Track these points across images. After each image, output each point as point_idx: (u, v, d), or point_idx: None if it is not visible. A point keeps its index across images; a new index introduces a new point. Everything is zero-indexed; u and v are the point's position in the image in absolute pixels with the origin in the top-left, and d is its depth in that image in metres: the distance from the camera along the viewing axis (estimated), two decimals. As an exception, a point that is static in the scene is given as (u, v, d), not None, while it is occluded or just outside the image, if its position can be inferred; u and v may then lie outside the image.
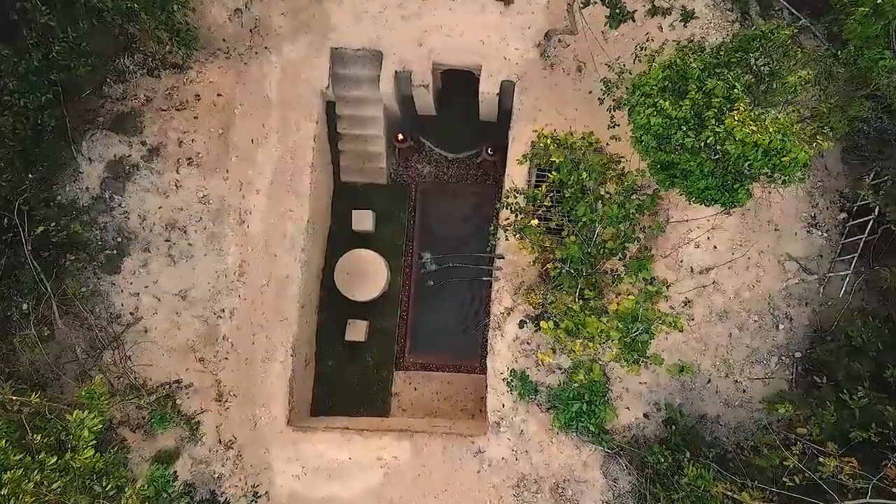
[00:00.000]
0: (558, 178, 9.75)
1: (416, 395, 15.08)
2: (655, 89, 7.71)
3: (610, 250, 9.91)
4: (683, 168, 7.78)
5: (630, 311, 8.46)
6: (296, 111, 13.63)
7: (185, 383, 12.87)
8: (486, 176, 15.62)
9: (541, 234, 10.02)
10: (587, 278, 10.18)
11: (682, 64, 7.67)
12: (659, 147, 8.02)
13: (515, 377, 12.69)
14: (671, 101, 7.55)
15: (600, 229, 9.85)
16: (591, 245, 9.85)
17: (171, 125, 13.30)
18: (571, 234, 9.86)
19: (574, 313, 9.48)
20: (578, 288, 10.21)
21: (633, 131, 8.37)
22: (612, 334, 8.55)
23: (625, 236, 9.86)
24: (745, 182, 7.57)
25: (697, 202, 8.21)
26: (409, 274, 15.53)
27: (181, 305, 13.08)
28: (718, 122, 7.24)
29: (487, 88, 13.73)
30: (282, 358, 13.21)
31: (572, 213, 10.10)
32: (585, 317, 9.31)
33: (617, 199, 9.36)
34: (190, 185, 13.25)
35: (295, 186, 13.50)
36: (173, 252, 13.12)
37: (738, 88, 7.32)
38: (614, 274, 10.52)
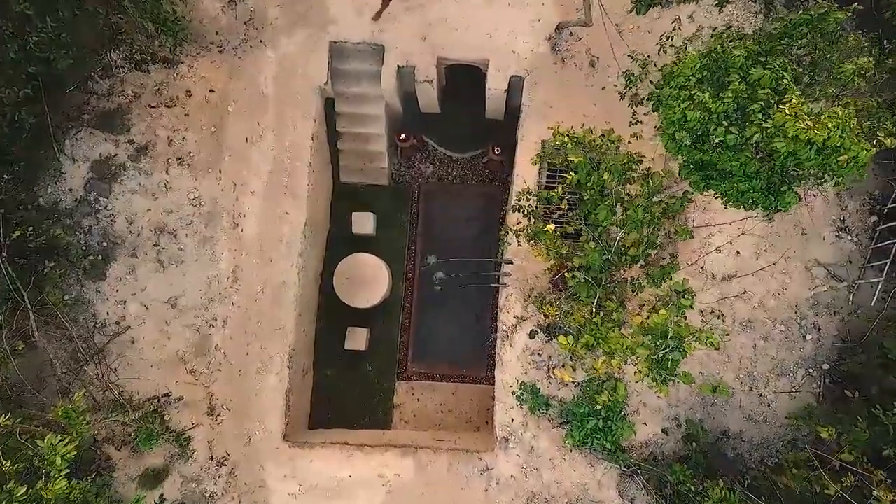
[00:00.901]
0: (576, 178, 8.78)
1: (418, 407, 14.11)
2: (692, 80, 6.75)
3: (632, 257, 8.94)
4: (723, 168, 6.82)
5: (660, 326, 7.50)
6: (293, 108, 12.65)
7: (174, 397, 11.88)
8: (493, 177, 14.63)
9: (557, 239, 9.05)
10: (606, 288, 9.21)
11: (723, 52, 6.70)
12: (694, 145, 7.06)
13: (525, 390, 11.74)
14: (710, 94, 6.58)
15: (622, 234, 8.88)
16: (611, 252, 8.89)
17: (160, 123, 12.30)
18: (591, 240, 8.89)
19: (594, 327, 8.51)
20: (596, 298, 9.24)
21: (664, 128, 7.40)
22: (640, 351, 7.59)
23: (648, 242, 8.89)
24: (792, 184, 6.61)
25: (735, 206, 7.26)
26: (411, 279, 14.55)
27: (171, 314, 12.10)
28: (766, 117, 6.28)
29: (495, 84, 12.76)
30: (277, 369, 12.25)
31: (591, 217, 9.13)
32: (607, 331, 8.35)
33: (641, 202, 8.40)
34: (180, 186, 12.27)
35: (292, 187, 12.52)
36: (162, 257, 12.13)
37: (786, 79, 6.36)
38: (634, 283, 9.55)
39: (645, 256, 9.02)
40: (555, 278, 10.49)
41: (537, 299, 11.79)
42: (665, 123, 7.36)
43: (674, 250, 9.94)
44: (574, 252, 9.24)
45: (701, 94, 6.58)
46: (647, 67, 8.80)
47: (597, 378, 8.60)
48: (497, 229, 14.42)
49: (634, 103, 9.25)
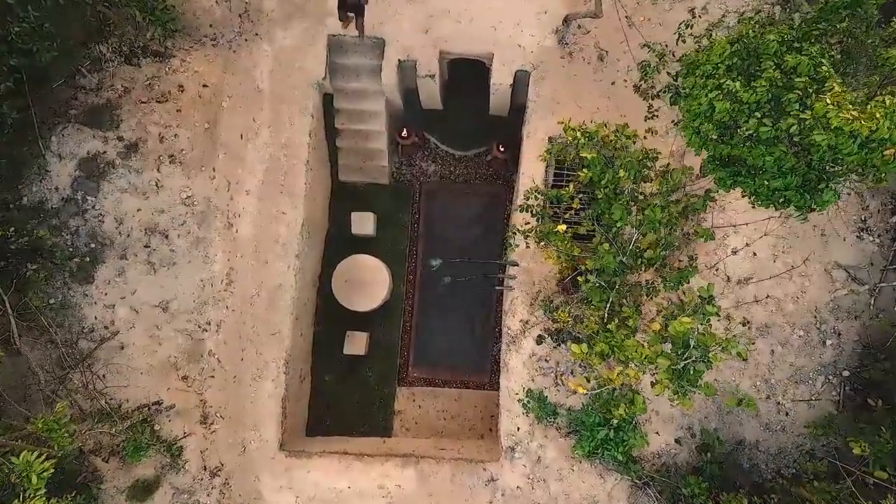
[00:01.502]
0: (588, 176, 8.14)
1: (420, 414, 13.46)
2: (721, 68, 6.12)
3: (648, 260, 8.31)
4: (753, 164, 6.19)
5: (682, 334, 6.87)
6: (289, 104, 12.01)
7: (166, 405, 11.22)
8: (497, 175, 13.99)
9: (568, 241, 8.42)
10: (619, 292, 8.58)
11: (755, 37, 6.07)
12: (720, 139, 6.43)
13: (532, 398, 11.10)
14: (741, 82, 5.95)
15: (637, 235, 8.25)
16: (626, 254, 8.25)
17: (151, 119, 11.64)
18: (605, 242, 8.25)
19: (609, 334, 7.88)
20: (608, 303, 8.61)
21: (687, 121, 6.76)
22: (660, 361, 6.96)
23: (665, 244, 8.26)
24: (831, 180, 5.98)
25: (765, 205, 6.63)
26: (412, 281, 13.91)
27: (162, 318, 11.44)
28: (803, 107, 5.66)
29: (499, 79, 12.12)
30: (273, 375, 11.60)
31: (604, 217, 8.50)
32: (623, 338, 7.72)
33: (659, 201, 7.76)
34: (172, 184, 11.61)
35: (288, 186, 11.87)
36: (153, 259, 11.47)
37: (825, 66, 5.74)
38: (648, 286, 8.92)
39: (661, 259, 8.39)
40: (564, 281, 9.85)
41: (544, 303, 11.16)
42: (688, 116, 6.72)
43: (691, 252, 9.29)
44: (586, 254, 8.61)
45: (731, 83, 5.95)
46: (665, 58, 8.15)
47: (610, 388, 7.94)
48: (501, 230, 13.80)
49: (650, 96, 8.61)
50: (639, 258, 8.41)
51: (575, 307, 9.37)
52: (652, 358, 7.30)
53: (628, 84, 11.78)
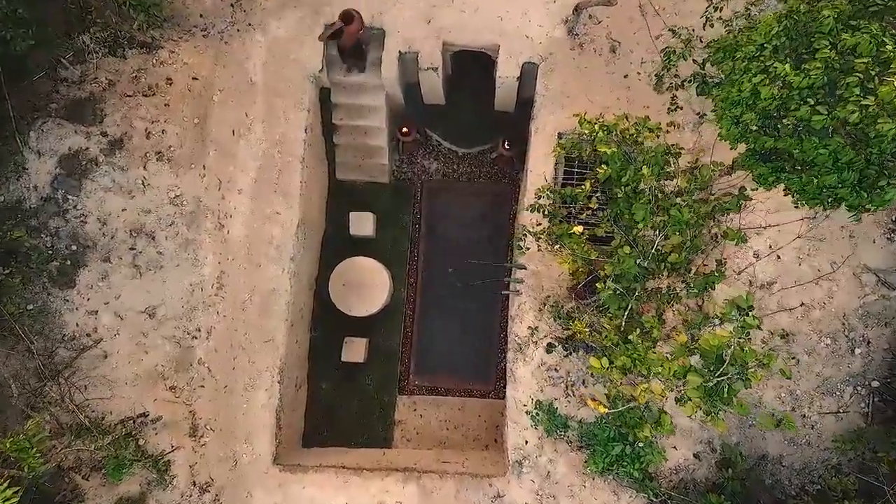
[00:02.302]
0: (607, 173, 7.32)
1: (422, 423, 12.63)
2: (767, 49, 5.30)
3: (672, 264, 7.49)
4: (802, 158, 5.37)
5: (716, 348, 6.06)
6: (284, 98, 11.17)
7: (152, 416, 10.39)
8: (502, 174, 13.15)
9: (585, 243, 7.60)
10: (639, 299, 7.75)
11: (806, 13, 5.25)
12: (763, 130, 5.61)
13: (541, 410, 10.27)
14: (791, 65, 5.13)
15: (661, 238, 7.43)
16: (648, 258, 7.43)
17: (137, 113, 10.80)
18: (625, 244, 7.43)
19: (630, 347, 7.07)
20: (627, 311, 7.78)
21: (723, 110, 5.94)
22: (690, 378, 6.14)
23: (691, 246, 7.45)
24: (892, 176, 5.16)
25: (812, 204, 5.81)
26: (414, 284, 13.08)
27: (148, 325, 10.60)
28: (865, 93, 4.85)
29: (506, 72, 11.28)
30: (267, 385, 10.77)
31: (623, 218, 7.69)
32: (646, 351, 6.90)
33: (688, 200, 6.95)
34: (159, 183, 10.77)
35: (283, 185, 11.04)
36: (139, 262, 10.63)
37: (889, 45, 4.93)
38: (670, 293, 8.10)
39: (686, 263, 7.57)
40: (578, 287, 9.01)
41: (554, 309, 10.35)
42: (724, 105, 5.89)
43: (719, 256, 8.46)
44: (604, 258, 7.78)
45: (780, 66, 5.13)
46: (692, 43, 7.33)
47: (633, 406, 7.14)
48: (507, 231, 12.98)
49: (674, 86, 7.78)
50: (661, 262, 7.59)
51: (589, 314, 8.55)
52: (680, 373, 6.49)
53: (642, 77, 10.98)
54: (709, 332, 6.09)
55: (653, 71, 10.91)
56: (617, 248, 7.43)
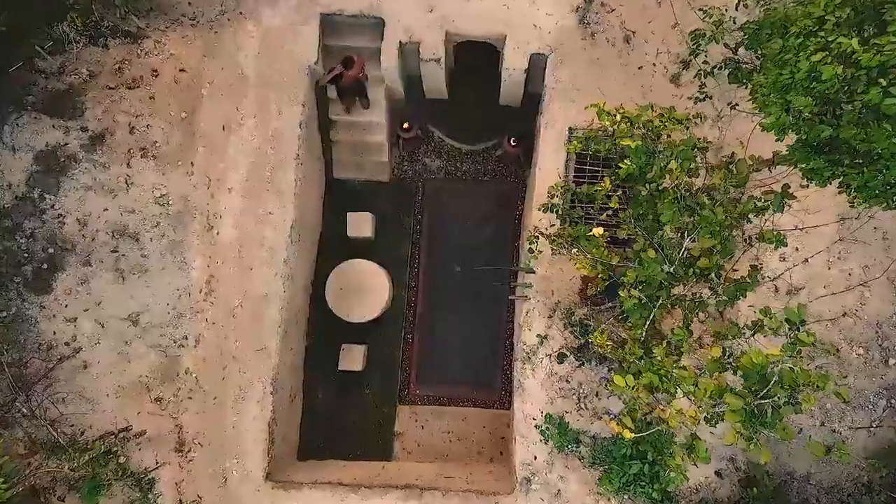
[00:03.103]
0: (629, 169, 6.48)
1: (423, 435, 11.79)
2: (829, 22, 4.48)
3: (701, 270, 6.66)
4: (867, 149, 4.55)
5: (760, 367, 5.23)
6: (277, 91, 10.34)
7: (136, 431, 9.55)
8: (508, 172, 12.30)
9: (606, 247, 6.77)
10: (663, 308, 6.91)
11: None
12: (818, 117, 4.79)
13: (551, 423, 9.46)
14: (858, 41, 4.31)
15: (689, 240, 6.59)
16: (675, 262, 6.60)
17: (120, 107, 9.96)
18: (649, 247, 6.60)
19: (657, 363, 6.24)
20: (649, 321, 6.94)
21: (770, 96, 5.11)
22: (730, 401, 5.32)
23: (721, 250, 6.61)
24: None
25: (876, 202, 4.99)
26: (415, 288, 12.24)
27: (132, 332, 9.77)
28: (950, 72, 4.04)
29: (513, 64, 10.45)
30: (259, 396, 9.94)
31: (646, 219, 6.85)
32: (671, 366, 6.08)
33: (721, 199, 6.12)
34: (144, 181, 9.94)
35: (276, 184, 10.22)
36: (122, 266, 9.80)
37: (977, 16, 4.12)
38: (695, 301, 7.25)
39: (717, 268, 6.73)
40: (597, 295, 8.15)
41: (565, 316, 9.53)
42: (771, 90, 5.06)
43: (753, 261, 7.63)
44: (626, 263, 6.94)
45: (845, 41, 4.30)
46: (724, 25, 6.49)
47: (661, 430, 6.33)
48: (513, 232, 12.15)
49: (702, 73, 6.93)
50: (689, 268, 6.75)
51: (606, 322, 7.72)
52: (716, 394, 5.66)
53: (658, 69, 10.17)
54: (751, 349, 5.25)
55: (670, 62, 10.19)
56: (640, 253, 6.58)
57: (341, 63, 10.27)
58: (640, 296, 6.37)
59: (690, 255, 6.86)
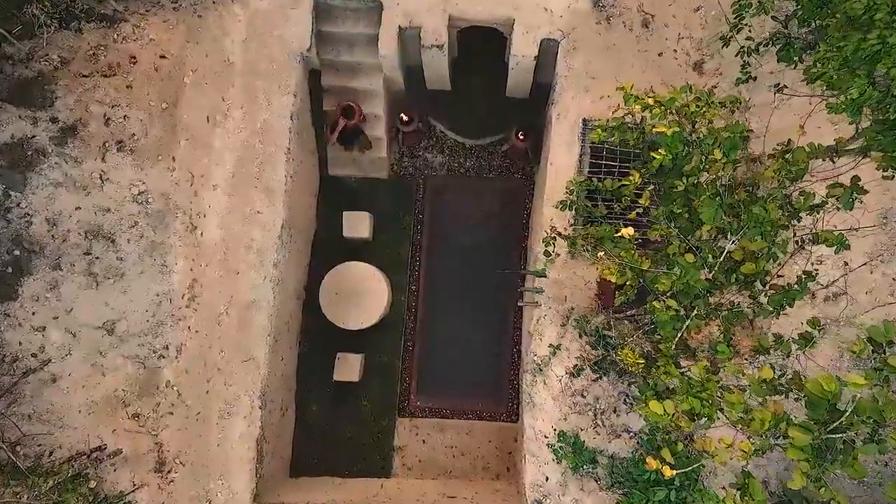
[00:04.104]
0: (664, 160, 5.49)
1: (424, 450, 10.79)
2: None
3: (745, 277, 5.67)
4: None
5: (832, 395, 4.25)
6: (266, 80, 9.35)
7: (111, 450, 8.56)
8: (515, 168, 11.29)
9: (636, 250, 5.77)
10: (699, 319, 5.91)
11: None
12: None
13: (565, 442, 8.46)
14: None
15: (732, 242, 5.59)
16: (715, 268, 5.60)
17: (94, 96, 8.95)
18: (686, 251, 5.60)
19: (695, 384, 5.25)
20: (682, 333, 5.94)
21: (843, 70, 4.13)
22: (796, 435, 4.34)
23: (770, 253, 5.62)
24: None
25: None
26: (416, 293, 11.23)
27: (107, 342, 8.76)
28: None
29: (521, 50, 9.45)
30: (246, 411, 8.94)
31: (680, 218, 5.86)
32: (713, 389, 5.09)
33: (776, 194, 5.13)
34: (121, 177, 8.93)
35: (265, 180, 9.23)
36: (96, 269, 8.79)
37: None
38: (734, 311, 6.25)
39: (764, 274, 5.73)
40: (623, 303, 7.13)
41: (580, 324, 8.54)
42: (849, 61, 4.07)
43: (809, 266, 6.62)
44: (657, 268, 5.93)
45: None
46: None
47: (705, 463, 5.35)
48: (520, 232, 11.14)
49: (746, 51, 5.93)
50: (731, 273, 5.75)
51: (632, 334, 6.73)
52: (773, 424, 4.67)
53: (679, 56, 9.18)
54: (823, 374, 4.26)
55: (692, 48, 9.20)
56: (675, 256, 5.58)
57: (342, 115, 9.95)
58: (677, 307, 5.36)
59: (731, 259, 5.87)
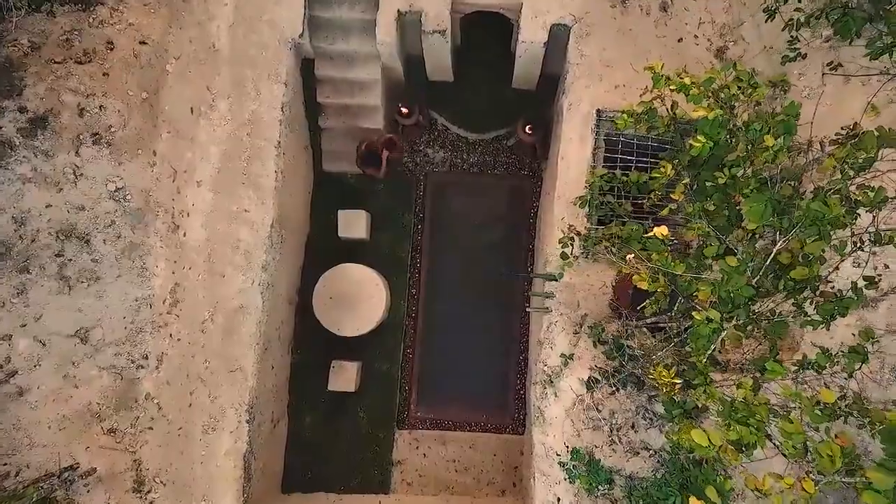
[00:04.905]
0: (703, 148, 4.65)
1: (425, 464, 9.94)
2: None
3: (795, 283, 4.83)
4: None
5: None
6: (255, 68, 8.53)
7: (84, 469, 7.71)
8: (521, 164, 10.45)
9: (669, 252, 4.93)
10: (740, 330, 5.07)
11: None
12: None
13: (578, 460, 7.64)
14: None
15: (780, 245, 4.75)
16: (761, 272, 4.77)
17: (67, 85, 8.08)
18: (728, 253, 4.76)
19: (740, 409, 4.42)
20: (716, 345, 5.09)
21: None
22: (875, 477, 3.51)
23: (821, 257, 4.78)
24: None
25: None
26: (416, 297, 10.38)
27: (80, 352, 7.91)
28: None
29: (530, 35, 8.62)
30: (232, 426, 8.11)
31: (718, 216, 5.02)
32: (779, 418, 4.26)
33: (839, 187, 4.30)
34: (96, 173, 8.07)
35: (253, 176, 8.41)
36: (68, 273, 7.94)
37: None
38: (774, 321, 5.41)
39: (816, 280, 4.90)
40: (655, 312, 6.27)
41: (594, 331, 7.70)
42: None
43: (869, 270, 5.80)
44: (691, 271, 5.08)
45: None
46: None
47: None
48: (527, 232, 10.30)
49: (794, 25, 5.10)
50: (779, 279, 4.92)
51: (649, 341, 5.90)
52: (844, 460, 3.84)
53: (701, 41, 8.36)
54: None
55: (714, 33, 8.38)
56: (716, 259, 4.73)
57: (385, 147, 9.55)
58: (720, 317, 4.53)
59: (777, 263, 5.03)
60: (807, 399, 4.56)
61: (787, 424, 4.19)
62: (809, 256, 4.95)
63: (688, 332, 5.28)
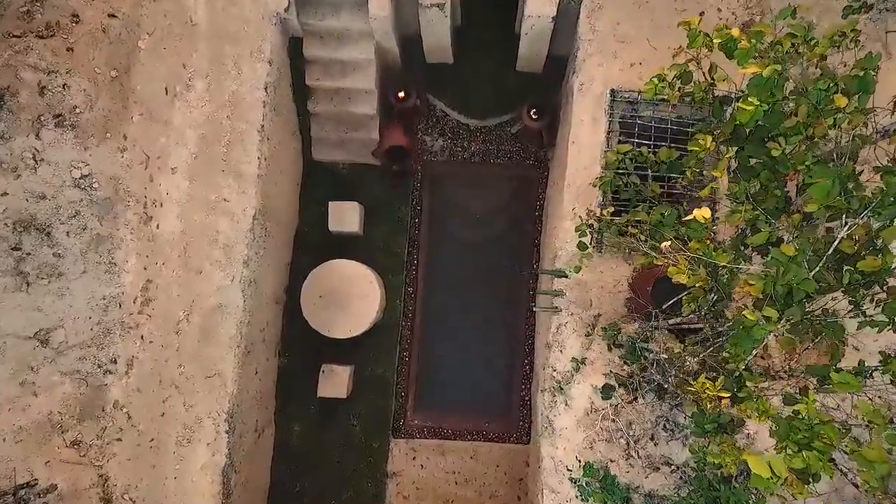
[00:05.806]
0: (755, 113, 3.78)
1: (423, 476, 9.04)
2: None
3: (863, 275, 3.96)
4: None
5: None
6: (236, 45, 7.65)
7: (43, 486, 6.83)
8: (527, 152, 9.55)
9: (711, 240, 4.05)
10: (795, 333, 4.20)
11: None
12: None
13: (592, 476, 6.75)
14: None
15: (846, 230, 3.88)
16: (822, 263, 3.89)
17: (26, 60, 7.20)
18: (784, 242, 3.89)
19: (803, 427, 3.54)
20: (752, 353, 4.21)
21: None
22: None
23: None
24: None
25: None
26: (413, 295, 9.49)
27: (39, 355, 7.02)
28: None
29: (536, 9, 7.74)
30: (210, 437, 7.23)
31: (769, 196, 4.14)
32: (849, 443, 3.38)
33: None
34: (59, 158, 7.18)
35: (233, 163, 7.53)
36: (26, 268, 7.05)
37: None
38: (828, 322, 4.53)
39: (888, 272, 4.02)
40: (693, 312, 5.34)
41: (609, 333, 6.81)
42: None
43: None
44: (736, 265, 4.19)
45: None
46: None
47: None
48: (533, 225, 9.42)
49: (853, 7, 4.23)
50: (843, 271, 4.04)
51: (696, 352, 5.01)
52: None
53: (724, 14, 7.49)
54: None
55: (739, 6, 7.51)
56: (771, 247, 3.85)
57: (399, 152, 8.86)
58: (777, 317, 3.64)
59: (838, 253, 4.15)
60: (882, 417, 3.68)
61: (868, 451, 3.30)
62: (878, 245, 4.08)
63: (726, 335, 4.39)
